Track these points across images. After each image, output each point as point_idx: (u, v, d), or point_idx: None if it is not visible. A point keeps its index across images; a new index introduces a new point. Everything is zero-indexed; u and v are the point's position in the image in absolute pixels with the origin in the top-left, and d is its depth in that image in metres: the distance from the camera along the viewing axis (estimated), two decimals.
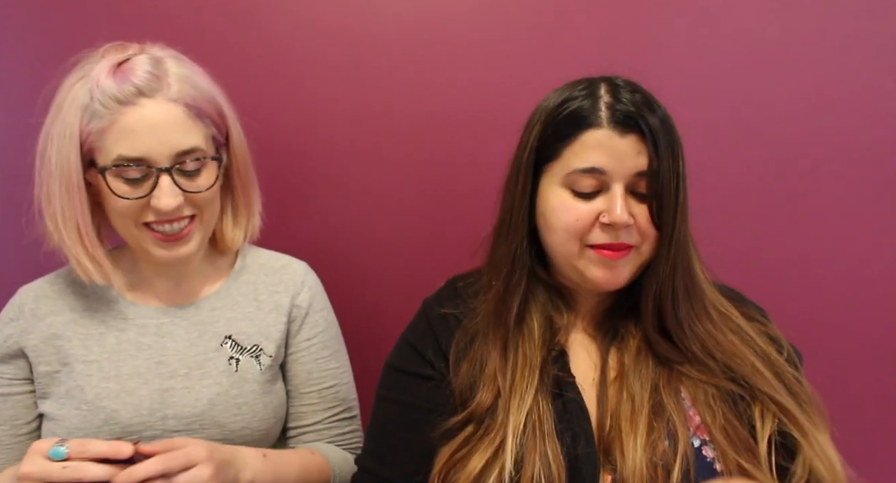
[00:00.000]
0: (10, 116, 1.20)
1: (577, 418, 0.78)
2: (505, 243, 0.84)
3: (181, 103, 0.87)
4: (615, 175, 0.76)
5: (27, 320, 0.94)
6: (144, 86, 0.85)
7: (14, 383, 0.94)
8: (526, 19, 1.19)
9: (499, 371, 0.80)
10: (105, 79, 0.85)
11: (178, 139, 0.86)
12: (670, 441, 0.75)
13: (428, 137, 1.22)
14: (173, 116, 0.86)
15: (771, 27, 1.17)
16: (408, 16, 1.19)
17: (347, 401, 1.06)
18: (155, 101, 0.85)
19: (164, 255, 0.91)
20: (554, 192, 0.80)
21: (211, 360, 0.95)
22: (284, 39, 1.20)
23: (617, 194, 0.76)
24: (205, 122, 0.90)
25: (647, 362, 0.81)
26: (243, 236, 1.01)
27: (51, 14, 1.19)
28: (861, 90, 1.18)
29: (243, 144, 0.98)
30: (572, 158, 0.78)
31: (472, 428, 0.78)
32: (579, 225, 0.78)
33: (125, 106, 0.84)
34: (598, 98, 0.78)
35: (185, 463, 0.77)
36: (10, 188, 1.20)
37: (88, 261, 0.91)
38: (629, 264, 0.80)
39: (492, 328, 0.83)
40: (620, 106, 0.76)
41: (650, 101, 0.78)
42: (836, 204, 1.20)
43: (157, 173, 0.86)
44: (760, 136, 1.20)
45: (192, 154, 0.88)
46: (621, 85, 0.79)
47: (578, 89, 0.80)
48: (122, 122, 0.84)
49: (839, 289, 1.22)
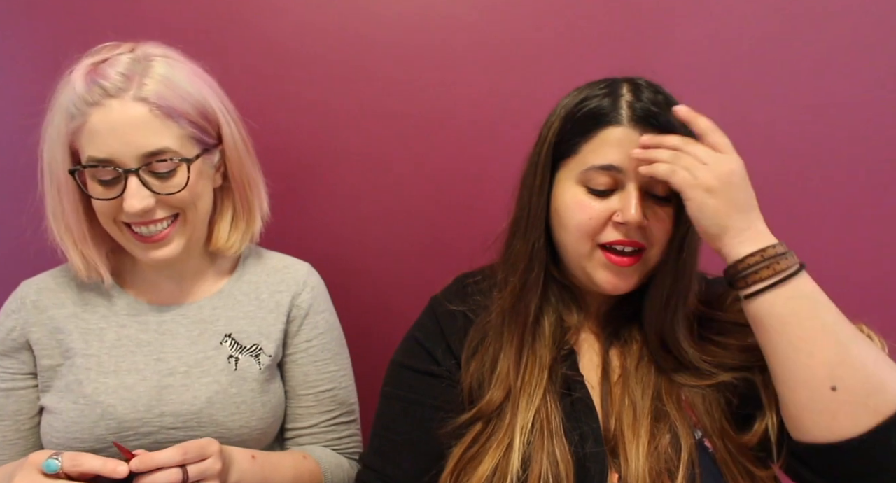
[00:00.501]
0: (15, 114, 1.22)
1: (586, 417, 0.78)
2: (522, 239, 0.83)
3: (147, 103, 0.85)
4: (631, 174, 0.76)
5: (29, 312, 0.95)
6: (110, 86, 0.84)
7: (18, 378, 0.95)
8: (530, 23, 1.19)
9: (511, 369, 0.79)
10: (78, 80, 0.85)
11: (142, 140, 0.85)
12: (673, 446, 0.74)
13: (432, 139, 1.22)
14: (137, 116, 0.84)
15: (776, 29, 1.17)
16: (412, 18, 1.20)
17: (346, 405, 1.05)
18: (120, 101, 0.84)
19: (145, 255, 0.91)
20: (569, 188, 0.79)
21: (210, 359, 0.95)
22: (287, 41, 1.21)
23: (632, 193, 0.75)
24: (178, 123, 0.87)
25: (649, 368, 0.81)
26: (240, 239, 0.99)
27: (54, 13, 1.21)
28: (861, 90, 1.17)
29: (240, 146, 0.96)
30: (590, 155, 0.77)
31: (480, 426, 0.78)
32: (592, 224, 0.77)
33: (92, 107, 0.84)
34: (619, 96, 0.77)
35: (200, 454, 0.78)
36: (14, 184, 1.22)
37: (78, 257, 0.92)
38: (637, 271, 0.79)
39: (507, 326, 0.82)
40: (641, 104, 0.76)
41: (672, 103, 0.77)
42: (836, 204, 1.20)
43: (125, 174, 0.85)
44: (760, 137, 1.19)
45: (160, 155, 0.86)
46: (643, 85, 0.79)
47: (600, 87, 0.80)
48: (89, 123, 0.84)
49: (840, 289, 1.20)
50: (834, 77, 1.17)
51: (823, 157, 1.19)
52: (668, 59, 1.18)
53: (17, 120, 1.17)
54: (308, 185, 1.24)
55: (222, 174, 0.97)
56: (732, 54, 1.18)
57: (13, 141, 1.22)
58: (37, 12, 1.21)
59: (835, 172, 1.19)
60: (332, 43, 1.20)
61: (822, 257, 1.21)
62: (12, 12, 1.21)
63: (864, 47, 1.16)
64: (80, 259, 0.93)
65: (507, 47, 1.19)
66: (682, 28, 1.18)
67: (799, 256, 0.71)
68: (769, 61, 1.17)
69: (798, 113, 1.18)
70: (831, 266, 1.21)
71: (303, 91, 1.22)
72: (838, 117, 1.18)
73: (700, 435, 0.76)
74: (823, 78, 1.17)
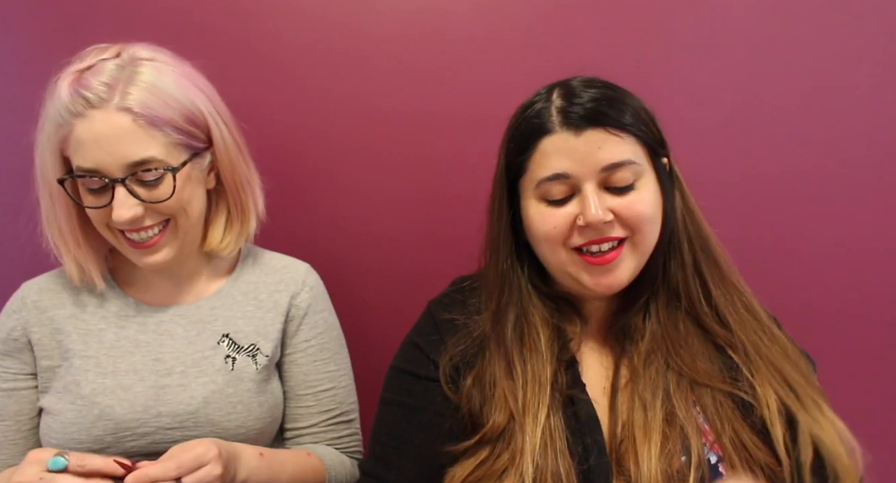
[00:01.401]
0: (12, 118, 1.22)
1: (589, 429, 0.77)
2: (493, 264, 0.85)
3: (131, 113, 0.84)
4: (581, 175, 0.75)
5: (30, 312, 0.96)
6: (93, 97, 0.83)
7: (20, 378, 0.95)
8: (526, 18, 1.18)
9: (508, 392, 0.78)
10: (63, 89, 0.85)
11: (127, 150, 0.84)
12: (685, 450, 0.74)
13: (429, 137, 1.21)
14: (120, 127, 0.84)
15: (771, 26, 1.16)
16: (408, 14, 1.19)
17: (345, 404, 1.05)
18: (103, 111, 0.84)
19: (139, 261, 0.92)
20: (531, 205, 0.80)
21: (207, 359, 0.95)
22: (283, 38, 1.21)
23: (588, 194, 0.75)
24: (164, 131, 0.86)
25: (657, 367, 0.80)
26: (235, 240, 0.99)
27: (51, 14, 1.21)
28: (861, 90, 1.16)
29: (231, 148, 0.95)
30: (537, 169, 0.78)
31: (486, 452, 0.77)
32: (557, 232, 0.77)
33: (76, 117, 0.84)
34: (549, 104, 0.78)
35: (195, 464, 0.78)
36: (12, 188, 1.22)
37: (71, 262, 0.93)
38: (625, 262, 0.78)
39: (492, 348, 0.82)
40: (571, 107, 0.76)
41: (604, 93, 0.76)
42: (837, 204, 1.19)
43: (112, 184, 0.86)
44: (761, 137, 1.18)
45: (146, 165, 0.85)
46: (575, 86, 0.78)
47: (534, 99, 0.80)
48: (75, 134, 0.84)
49: (839, 290, 1.21)
50: (834, 77, 1.16)
51: (823, 157, 1.18)
52: (668, 58, 1.17)
53: (14, 121, 1.18)
54: (305, 183, 1.24)
55: (215, 175, 0.97)
56: (733, 53, 1.17)
57: (12, 141, 1.22)
58: (31, 12, 1.21)
59: (835, 172, 1.18)
60: (329, 39, 1.20)
61: (823, 257, 1.21)
62: (7, 12, 1.21)
63: (864, 47, 1.15)
64: (73, 264, 0.93)
65: (506, 43, 1.18)
66: (680, 24, 1.17)
67: (800, 254, 0.71)
68: (769, 60, 1.17)
69: (797, 113, 1.17)
70: (831, 266, 1.21)
71: (299, 88, 1.21)
72: (838, 117, 1.17)
73: (715, 459, 0.75)
74: (823, 77, 1.17)
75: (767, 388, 0.76)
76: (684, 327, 0.82)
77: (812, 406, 0.76)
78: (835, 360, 1.19)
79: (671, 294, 0.83)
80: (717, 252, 0.84)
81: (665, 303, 0.83)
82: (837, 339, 1.21)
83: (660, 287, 0.83)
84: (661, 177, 0.79)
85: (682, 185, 0.83)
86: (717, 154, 1.18)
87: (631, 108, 0.77)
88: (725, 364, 0.80)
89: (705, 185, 0.83)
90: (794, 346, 0.83)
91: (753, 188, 1.19)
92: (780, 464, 0.73)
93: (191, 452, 0.78)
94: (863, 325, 1.21)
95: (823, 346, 1.14)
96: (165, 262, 0.92)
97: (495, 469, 0.75)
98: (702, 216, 0.84)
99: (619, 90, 0.79)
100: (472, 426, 0.79)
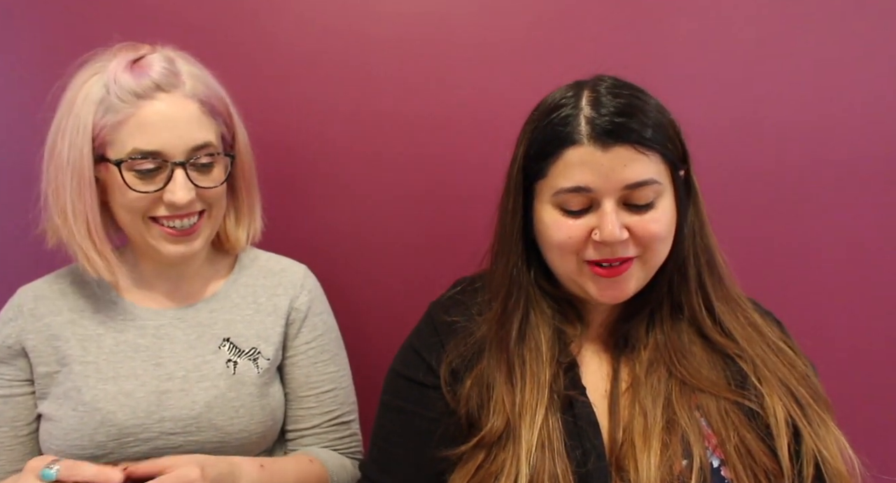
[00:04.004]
0: (12, 116, 1.21)
1: (588, 433, 0.76)
2: (501, 264, 0.83)
3: (196, 100, 0.89)
4: (603, 191, 0.74)
5: (26, 320, 0.95)
6: (163, 80, 0.87)
7: (15, 384, 0.94)
8: (528, 19, 1.18)
9: (506, 395, 0.78)
10: (122, 73, 0.87)
11: (192, 134, 0.88)
12: (686, 457, 0.74)
13: (429, 139, 1.21)
14: (189, 112, 0.88)
15: (772, 26, 1.17)
16: (410, 16, 1.19)
17: (346, 405, 1.05)
18: (172, 96, 0.88)
19: (172, 250, 0.92)
20: (546, 210, 0.78)
21: (209, 363, 0.94)
22: (285, 40, 1.20)
23: (607, 211, 0.74)
24: (216, 120, 0.92)
25: (659, 375, 0.80)
26: (246, 237, 1.02)
27: (53, 14, 1.20)
28: (862, 90, 1.17)
29: (247, 146, 1.00)
30: (558, 178, 0.75)
31: (483, 455, 0.76)
32: (572, 242, 0.76)
33: (143, 100, 0.86)
34: (578, 111, 0.75)
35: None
36: (10, 187, 1.21)
37: (97, 256, 0.91)
38: (633, 276, 0.78)
39: (493, 351, 0.81)
40: (601, 119, 0.73)
41: (634, 104, 0.75)
42: (837, 205, 1.19)
43: (172, 167, 0.88)
44: (760, 137, 1.19)
45: (205, 149, 0.90)
46: (603, 92, 0.75)
47: (561, 101, 0.77)
48: (139, 116, 0.86)
49: (839, 290, 1.21)
50: (834, 76, 1.17)
51: (823, 157, 1.19)
52: (670, 59, 1.18)
53: (16, 122, 1.17)
54: (305, 185, 1.24)
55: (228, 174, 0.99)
56: (732, 52, 1.17)
57: (12, 142, 1.21)
58: (31, 12, 1.20)
59: (835, 172, 1.19)
60: (328, 41, 1.20)
61: (823, 257, 1.21)
62: (7, 12, 1.20)
63: (864, 46, 1.16)
64: (99, 257, 0.91)
65: (506, 44, 1.18)
66: (682, 24, 1.17)
67: (800, 256, 0.72)
68: (768, 61, 1.18)
69: (798, 112, 1.18)
70: (832, 265, 1.21)
71: (299, 89, 1.21)
72: (839, 117, 1.18)
73: (718, 463, 0.75)
74: (823, 78, 1.17)
75: (775, 397, 0.76)
76: (688, 338, 0.82)
77: (817, 422, 0.76)
78: (835, 361, 1.21)
79: (674, 306, 0.83)
80: (720, 267, 0.83)
81: (668, 314, 0.83)
82: (837, 339, 1.22)
83: (664, 299, 0.83)
84: (679, 193, 0.78)
85: (698, 198, 0.82)
86: (718, 154, 1.18)
87: (659, 123, 0.75)
88: (732, 373, 0.80)
89: (705, 186, 0.83)
90: (798, 353, 0.83)
91: (753, 188, 1.20)
92: (782, 472, 0.74)
93: (172, 475, 0.77)
94: (863, 325, 1.22)
95: (823, 345, 1.16)
96: (199, 250, 0.95)
97: (492, 471, 0.75)
98: (710, 228, 0.83)
99: (646, 98, 0.77)
100: (469, 429, 0.79)
